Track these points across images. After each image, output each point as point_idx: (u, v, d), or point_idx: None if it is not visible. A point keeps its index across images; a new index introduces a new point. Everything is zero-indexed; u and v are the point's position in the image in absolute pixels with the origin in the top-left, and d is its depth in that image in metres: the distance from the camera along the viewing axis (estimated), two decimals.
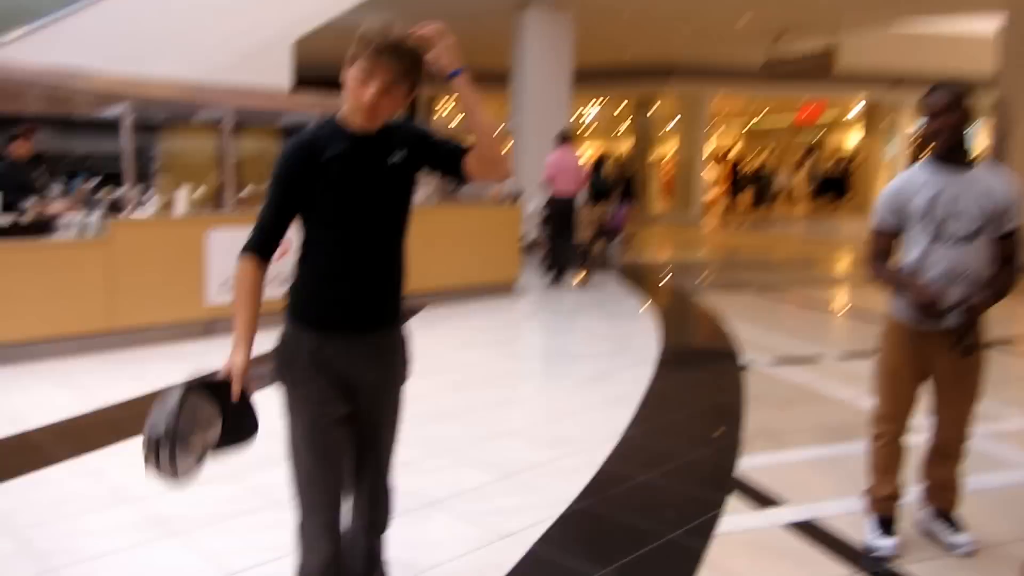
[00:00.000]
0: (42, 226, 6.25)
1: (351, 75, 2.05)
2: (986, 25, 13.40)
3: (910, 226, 2.95)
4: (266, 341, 2.24)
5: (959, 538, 3.05)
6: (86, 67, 8.53)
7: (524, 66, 13.16)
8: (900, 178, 3.04)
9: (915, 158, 15.39)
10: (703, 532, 3.17)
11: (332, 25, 10.89)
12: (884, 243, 3.04)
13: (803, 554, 3.05)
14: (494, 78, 16.74)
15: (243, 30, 9.86)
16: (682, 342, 7.21)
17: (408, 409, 2.36)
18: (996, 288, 2.92)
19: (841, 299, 9.29)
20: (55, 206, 6.87)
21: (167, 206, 7.05)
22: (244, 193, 7.85)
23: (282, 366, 2.20)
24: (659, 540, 3.11)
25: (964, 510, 3.15)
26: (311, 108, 9.84)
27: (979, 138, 21.27)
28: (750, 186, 26.08)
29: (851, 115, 27.37)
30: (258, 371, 2.12)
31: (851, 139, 28.83)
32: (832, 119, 28.43)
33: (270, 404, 2.30)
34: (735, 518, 3.32)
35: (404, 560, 2.79)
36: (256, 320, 2.14)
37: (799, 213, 24.69)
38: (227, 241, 6.92)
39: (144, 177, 8.00)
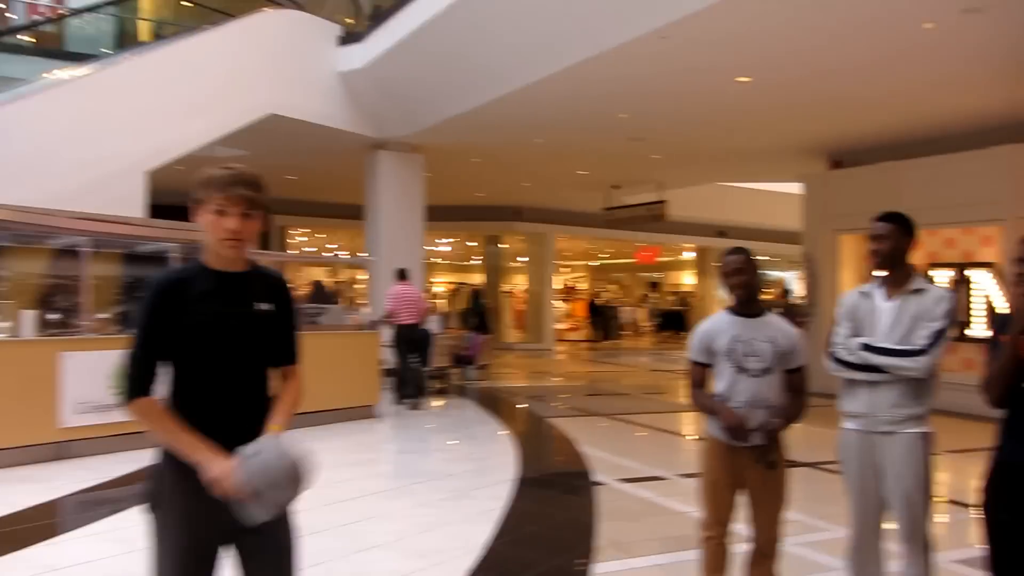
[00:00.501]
0: None
1: (208, 214, 2.23)
2: (793, 185, 15.40)
3: (717, 361, 3.61)
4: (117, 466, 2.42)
5: None
6: None
7: (378, 202, 13.79)
8: (708, 321, 3.71)
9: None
10: None
11: (184, 158, 11.19)
12: (698, 374, 3.67)
13: None
14: (349, 211, 17.37)
15: (96, 159, 9.97)
16: (538, 462, 7.68)
17: None
18: (789, 413, 3.57)
19: (682, 424, 10.11)
20: None
21: (14, 329, 6.98)
22: (99, 316, 7.85)
23: (156, 495, 2.22)
24: None
25: None
26: (164, 234, 9.96)
27: (795, 282, 23.66)
28: (599, 319, 27.53)
29: (685, 256, 29.86)
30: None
31: (687, 278, 31.31)
32: (670, 259, 30.85)
33: None
34: None
35: None
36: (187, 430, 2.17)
37: (644, 345, 26.26)
38: (82, 363, 6.93)
39: None
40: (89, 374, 6.91)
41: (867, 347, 3.35)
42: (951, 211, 11.07)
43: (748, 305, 3.63)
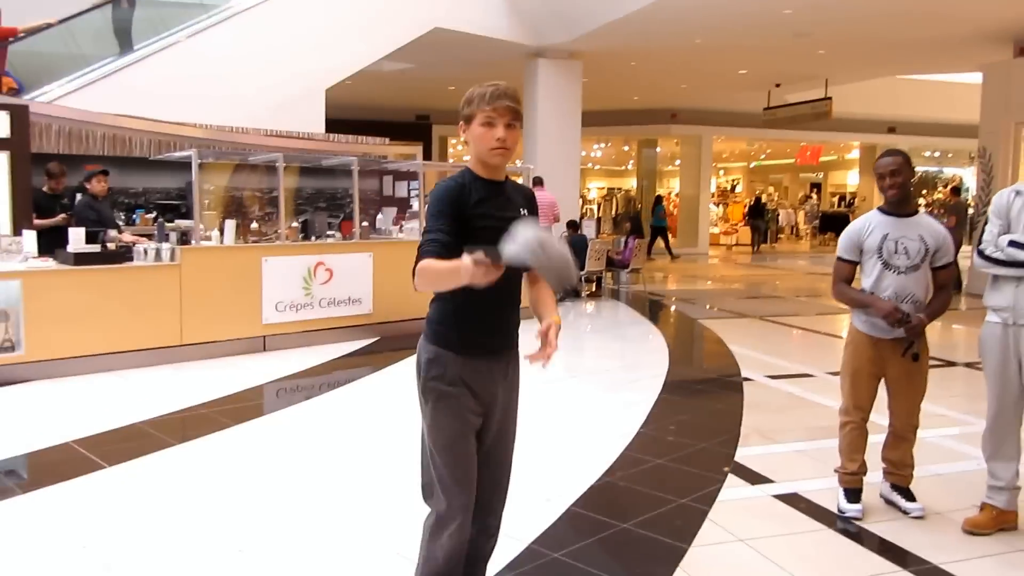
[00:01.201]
0: (123, 254, 7.11)
1: (477, 126, 2.39)
2: (972, 76, 14.37)
3: (866, 258, 3.78)
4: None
5: (912, 505, 3.82)
6: (143, 114, 9.49)
7: (536, 110, 14.08)
8: (859, 220, 3.88)
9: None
10: (707, 500, 3.95)
11: (356, 75, 11.92)
12: (846, 271, 3.86)
13: (787, 516, 3.83)
14: None
15: (280, 80, 10.84)
16: (688, 360, 8.06)
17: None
18: (934, 308, 3.74)
19: (834, 325, 10.07)
20: (132, 236, 7.76)
21: (220, 237, 7.87)
22: (295, 223, 8.70)
23: (430, 381, 2.43)
24: (672, 504, 3.90)
25: (917, 486, 3.92)
26: (345, 149, 10.79)
27: (970, 179, 22.10)
28: (756, 222, 26.71)
29: (850, 156, 28.38)
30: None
31: (851, 178, 29.79)
32: (832, 158, 29.41)
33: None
34: (732, 491, 4.11)
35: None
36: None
37: (802, 248, 25.54)
38: (280, 267, 7.78)
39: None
40: (285, 277, 7.77)
41: (1014, 243, 3.42)
42: None
43: (900, 205, 3.78)
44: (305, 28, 11.01)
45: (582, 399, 6.14)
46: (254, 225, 8.58)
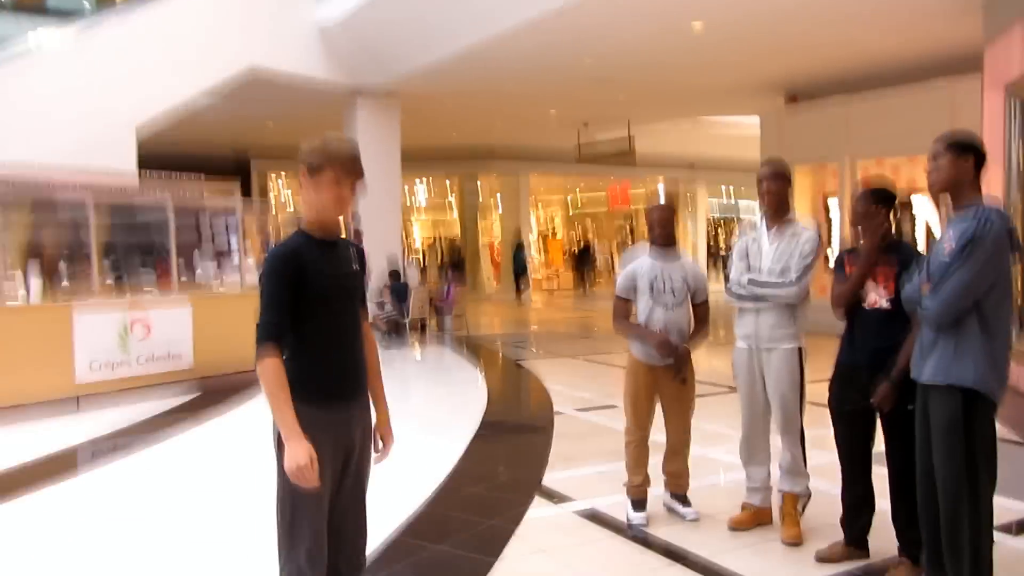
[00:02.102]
0: None
1: (324, 181, 2.49)
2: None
3: (639, 296, 4.37)
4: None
5: (688, 511, 4.41)
6: None
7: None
8: (632, 264, 4.47)
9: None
10: (515, 519, 4.38)
11: (171, 112, 11.74)
12: (623, 308, 4.45)
13: (584, 528, 4.32)
14: None
15: (87, 115, 10.45)
16: (506, 398, 8.57)
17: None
18: (696, 338, 4.40)
19: None
20: None
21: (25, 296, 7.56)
22: (105, 278, 8.47)
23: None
24: (483, 525, 4.30)
25: (693, 494, 4.51)
26: (159, 188, 10.47)
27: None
28: (579, 264, 27.77)
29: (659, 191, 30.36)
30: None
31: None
32: (642, 200, 31.33)
33: None
34: (537, 510, 4.58)
35: None
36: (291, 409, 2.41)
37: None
38: (95, 323, 7.62)
39: None
40: (100, 334, 7.59)
41: (752, 281, 4.10)
42: (896, 141, 11.79)
43: (666, 246, 4.39)
44: (114, 63, 10.72)
45: (403, 440, 6.42)
46: (64, 283, 8.29)
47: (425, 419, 7.10)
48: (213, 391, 8.19)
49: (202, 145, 18.93)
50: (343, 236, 2.75)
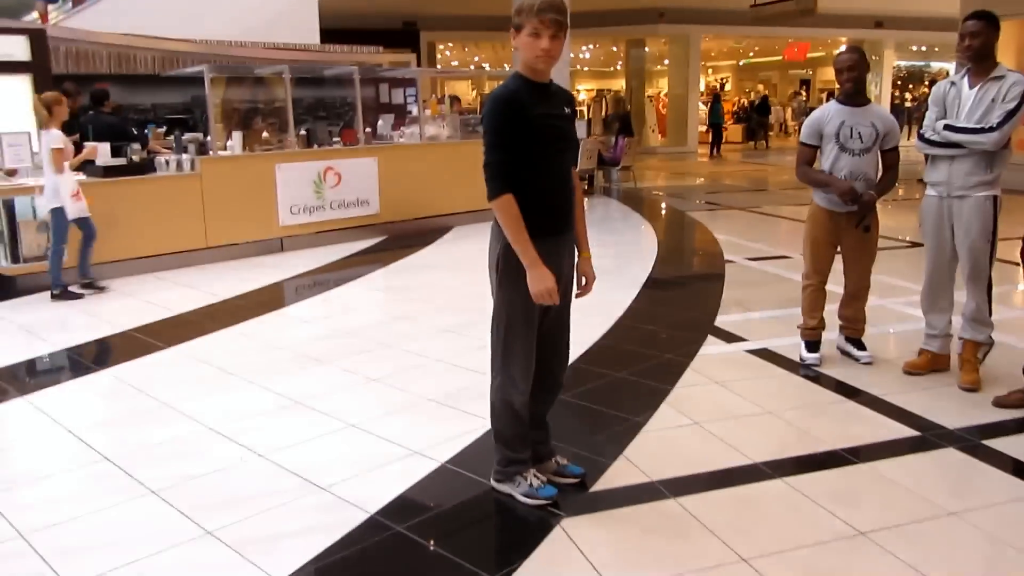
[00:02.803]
0: (146, 166, 7.60)
1: (524, 36, 2.64)
2: None
3: (825, 143, 4.35)
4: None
5: (862, 354, 4.50)
6: (147, 32, 9.81)
7: None
8: (819, 110, 4.44)
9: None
10: (689, 355, 4.64)
11: None
12: (808, 154, 4.44)
13: (757, 365, 4.52)
14: (499, 24, 17.85)
15: None
16: (675, 247, 8.73)
17: (460, 292, 3.43)
18: (883, 185, 4.35)
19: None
20: (160, 144, 8.23)
21: (224, 147, 8.30)
22: (302, 131, 9.15)
23: (511, 258, 2.72)
24: (659, 359, 4.59)
25: (868, 340, 4.59)
26: (340, 59, 11.10)
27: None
28: (746, 120, 27.00)
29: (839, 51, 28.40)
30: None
31: None
32: (822, 54, 29.43)
33: None
34: (711, 347, 4.80)
35: None
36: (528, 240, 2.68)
37: (792, 144, 25.88)
38: (293, 173, 8.29)
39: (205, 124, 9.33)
40: (297, 182, 8.30)
41: (948, 127, 3.99)
42: None
43: (854, 96, 4.34)
44: None
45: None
46: (264, 135, 9.04)
47: (596, 266, 7.36)
48: (397, 235, 8.84)
49: (374, 16, 19.42)
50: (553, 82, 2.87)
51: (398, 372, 4.47)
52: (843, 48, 4.41)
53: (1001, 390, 3.95)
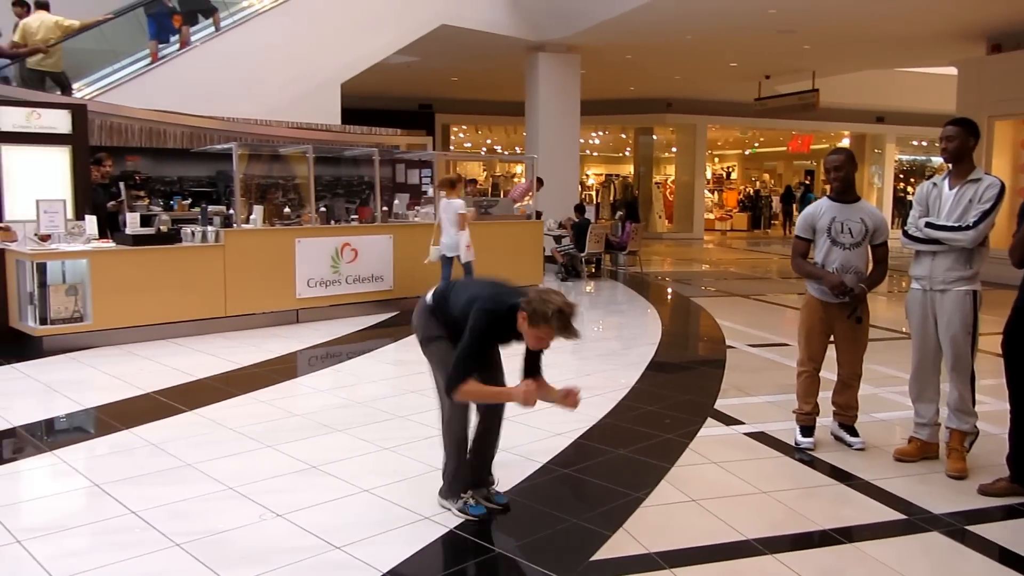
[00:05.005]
0: (173, 235, 7.94)
1: (532, 330, 3.22)
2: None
3: (818, 237, 4.64)
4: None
5: (855, 440, 4.70)
6: (176, 109, 10.33)
7: (537, 101, 14.91)
8: (812, 205, 4.74)
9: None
10: (689, 436, 4.84)
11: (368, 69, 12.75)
12: (802, 247, 4.73)
13: (754, 446, 4.71)
14: (508, 108, 18.62)
15: (298, 76, 11.68)
16: (679, 331, 8.96)
17: None
18: (873, 279, 4.62)
19: None
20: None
21: (247, 220, 8.65)
22: (322, 207, 9.54)
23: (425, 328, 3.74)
24: (660, 438, 4.79)
25: (860, 427, 4.79)
26: (360, 140, 11.60)
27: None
28: (750, 208, 27.62)
29: (842, 143, 29.14)
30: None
31: None
32: (825, 146, 30.18)
33: None
34: (710, 429, 5.00)
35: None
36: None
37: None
38: (311, 247, 8.62)
39: (229, 197, 9.75)
40: (316, 257, 8.63)
41: (929, 225, 4.28)
42: None
43: (844, 193, 4.65)
44: (321, 27, 11.83)
45: (581, 365, 7.02)
46: (286, 210, 9.43)
47: (601, 348, 7.64)
48: (411, 311, 9.03)
49: (391, 98, 20.21)
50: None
51: (410, 442, 4.67)
52: (834, 149, 4.74)
53: (987, 478, 4.12)
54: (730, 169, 32.84)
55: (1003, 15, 12.20)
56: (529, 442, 4.64)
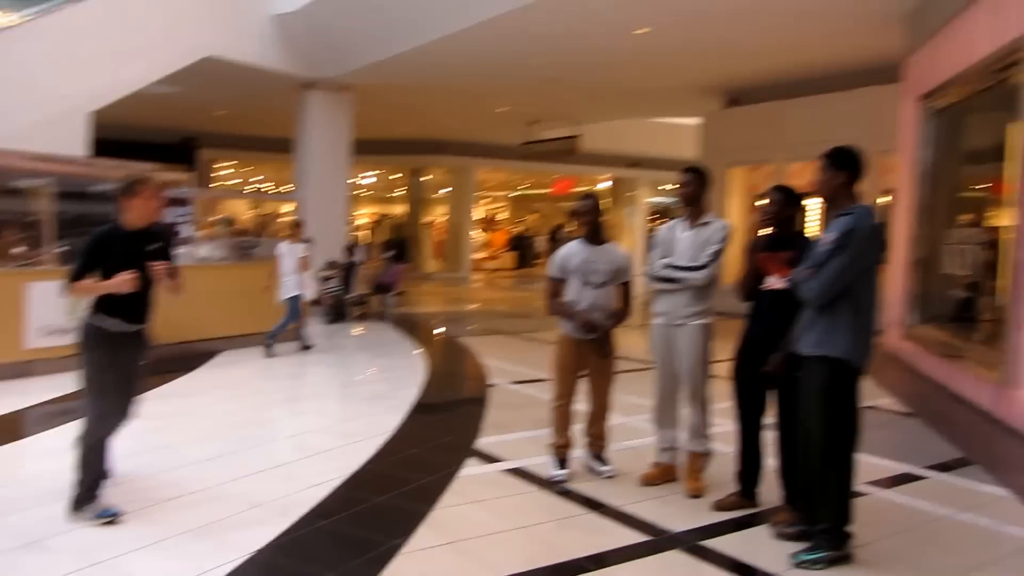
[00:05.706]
0: None
1: (140, 201, 4.02)
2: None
3: (569, 277, 4.87)
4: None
5: (605, 468, 4.94)
6: None
7: (307, 139, 14.54)
8: (564, 248, 4.98)
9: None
10: (450, 475, 4.85)
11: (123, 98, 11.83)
12: (555, 287, 4.94)
13: (513, 483, 4.81)
14: (276, 145, 18.11)
15: (41, 100, 10.56)
16: (443, 371, 9.03)
17: (226, 420, 3.70)
18: (616, 317, 4.90)
19: None
20: None
21: None
22: (60, 249, 8.68)
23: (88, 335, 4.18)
24: (420, 482, 4.76)
25: (612, 455, 5.04)
26: (114, 174, 10.67)
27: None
28: (517, 248, 28.75)
29: (601, 186, 31.13)
30: None
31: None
32: (586, 189, 32.12)
33: None
34: (471, 468, 5.05)
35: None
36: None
37: None
38: (46, 292, 7.79)
39: None
40: (53, 303, 7.78)
41: (668, 266, 4.63)
42: (824, 146, 12.39)
43: (593, 237, 4.90)
44: (70, 51, 10.76)
45: (351, 407, 6.89)
46: (14, 250, 8.48)
47: (366, 391, 7.53)
48: (165, 358, 8.44)
49: (151, 130, 18.94)
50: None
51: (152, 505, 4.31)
52: (583, 195, 5.02)
53: (721, 494, 4.48)
54: (497, 212, 33.98)
55: (739, 73, 13.62)
56: (286, 495, 4.44)
